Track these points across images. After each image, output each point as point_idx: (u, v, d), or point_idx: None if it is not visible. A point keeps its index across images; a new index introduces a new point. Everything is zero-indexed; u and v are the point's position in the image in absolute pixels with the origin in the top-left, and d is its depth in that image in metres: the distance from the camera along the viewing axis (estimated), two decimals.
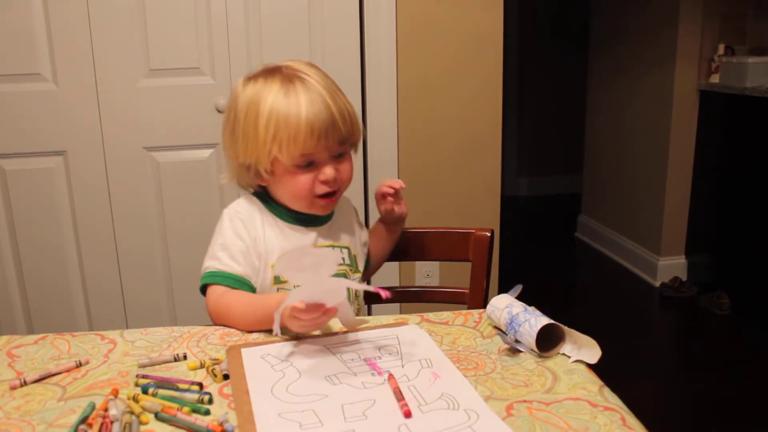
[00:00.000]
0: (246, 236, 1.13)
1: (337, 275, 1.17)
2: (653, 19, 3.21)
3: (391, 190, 1.24)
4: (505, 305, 0.99)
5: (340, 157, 1.13)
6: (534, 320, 0.93)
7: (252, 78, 1.13)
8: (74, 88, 2.01)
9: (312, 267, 0.89)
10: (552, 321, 0.93)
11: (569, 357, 0.91)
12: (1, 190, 2.04)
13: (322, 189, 1.11)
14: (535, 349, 0.92)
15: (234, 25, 2.04)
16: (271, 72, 1.12)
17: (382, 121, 2.16)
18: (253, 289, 1.13)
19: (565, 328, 0.93)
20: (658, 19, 3.17)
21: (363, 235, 1.31)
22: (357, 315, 1.18)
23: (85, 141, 2.05)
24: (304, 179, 1.10)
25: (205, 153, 2.12)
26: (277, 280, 1.15)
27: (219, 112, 2.07)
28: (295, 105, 1.06)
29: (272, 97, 1.07)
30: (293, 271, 0.91)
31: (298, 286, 0.97)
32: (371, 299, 1.39)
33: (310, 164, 1.10)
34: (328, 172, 1.10)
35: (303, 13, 2.07)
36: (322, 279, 0.89)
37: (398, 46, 2.13)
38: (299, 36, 2.08)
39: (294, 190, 1.12)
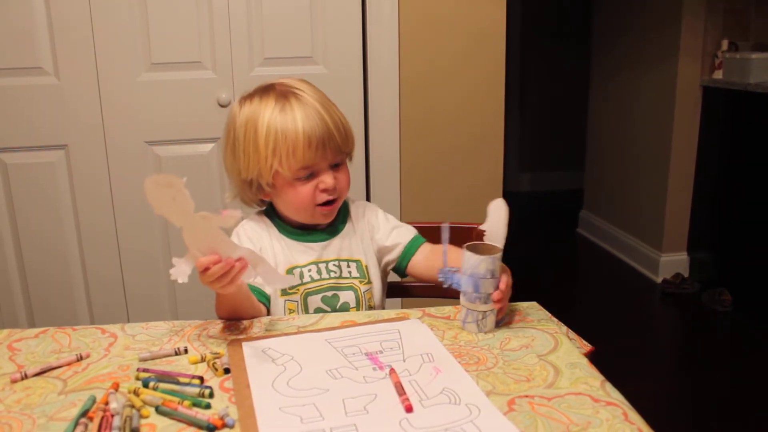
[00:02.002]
0: (252, 247, 1.16)
1: (343, 288, 1.20)
2: (656, 15, 3.19)
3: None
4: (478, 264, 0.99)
5: (337, 166, 1.17)
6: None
7: (247, 98, 1.17)
8: (76, 82, 2.00)
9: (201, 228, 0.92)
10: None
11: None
12: (2, 184, 2.04)
13: (322, 197, 1.15)
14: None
15: (236, 18, 2.03)
16: (265, 90, 1.16)
17: (384, 117, 2.16)
18: (264, 296, 1.16)
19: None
20: (660, 15, 3.16)
21: (380, 235, 1.27)
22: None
23: (86, 135, 2.04)
24: (305, 189, 1.14)
25: (207, 147, 2.11)
26: (284, 292, 1.17)
27: (221, 106, 2.07)
28: (291, 120, 1.10)
29: (269, 113, 1.11)
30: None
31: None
32: None
33: (310, 175, 1.14)
34: (328, 180, 1.14)
35: (305, 8, 2.06)
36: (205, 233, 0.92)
37: (400, 41, 2.13)
38: (301, 31, 2.08)
39: (296, 200, 1.16)
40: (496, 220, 1.03)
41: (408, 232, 1.28)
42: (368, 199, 2.21)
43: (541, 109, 4.97)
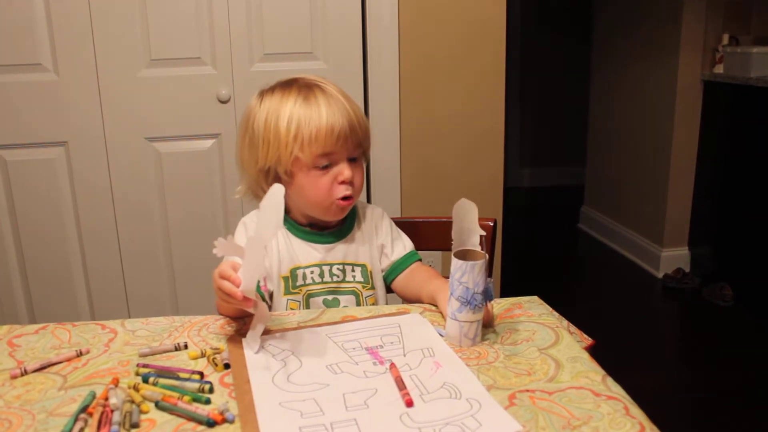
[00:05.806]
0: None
1: (344, 292, 1.19)
2: (656, 9, 3.18)
3: None
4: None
5: (354, 161, 1.16)
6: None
7: (268, 92, 1.16)
8: (75, 78, 2.00)
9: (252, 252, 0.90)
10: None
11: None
12: (2, 181, 2.04)
13: (340, 190, 1.14)
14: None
15: (235, 14, 2.02)
16: (287, 84, 1.16)
17: (385, 112, 2.15)
18: (261, 292, 1.14)
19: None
20: (661, 9, 3.15)
21: (380, 240, 1.26)
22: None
23: (86, 131, 2.04)
24: (323, 182, 1.13)
25: (207, 143, 2.11)
26: (288, 290, 1.17)
27: (220, 102, 2.06)
28: (316, 108, 1.11)
29: (292, 103, 1.12)
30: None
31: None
32: None
33: (328, 166, 1.13)
34: (347, 172, 1.13)
35: (304, 3, 2.06)
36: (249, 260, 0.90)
37: (400, 35, 2.12)
38: (301, 26, 2.07)
39: (313, 192, 1.14)
40: (465, 222, 1.01)
41: (403, 248, 1.27)
42: (369, 194, 2.21)
43: (542, 104, 4.96)
